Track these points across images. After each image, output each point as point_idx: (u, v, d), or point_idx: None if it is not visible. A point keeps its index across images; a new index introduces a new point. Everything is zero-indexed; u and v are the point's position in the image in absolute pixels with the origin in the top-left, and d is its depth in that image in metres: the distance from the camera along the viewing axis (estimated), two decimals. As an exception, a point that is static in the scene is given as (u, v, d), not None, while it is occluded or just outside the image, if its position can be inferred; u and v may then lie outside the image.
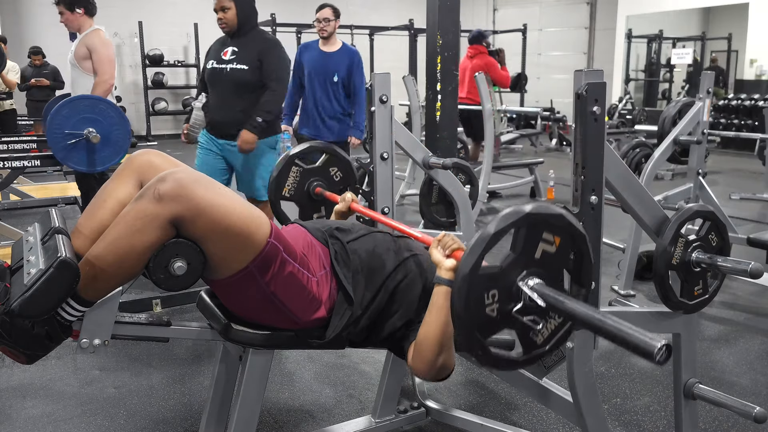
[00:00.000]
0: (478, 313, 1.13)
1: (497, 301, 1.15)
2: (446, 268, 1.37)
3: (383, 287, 1.56)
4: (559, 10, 13.82)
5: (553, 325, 1.22)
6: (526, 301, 1.16)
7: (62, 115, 3.03)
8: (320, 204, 2.23)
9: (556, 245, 1.20)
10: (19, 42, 9.89)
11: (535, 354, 1.22)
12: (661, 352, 0.95)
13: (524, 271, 1.17)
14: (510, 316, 1.16)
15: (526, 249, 1.17)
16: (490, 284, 1.14)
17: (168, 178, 1.33)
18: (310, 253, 1.57)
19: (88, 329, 1.40)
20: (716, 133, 8.28)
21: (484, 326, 1.15)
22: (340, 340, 1.55)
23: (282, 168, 2.20)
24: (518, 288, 1.16)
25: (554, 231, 1.19)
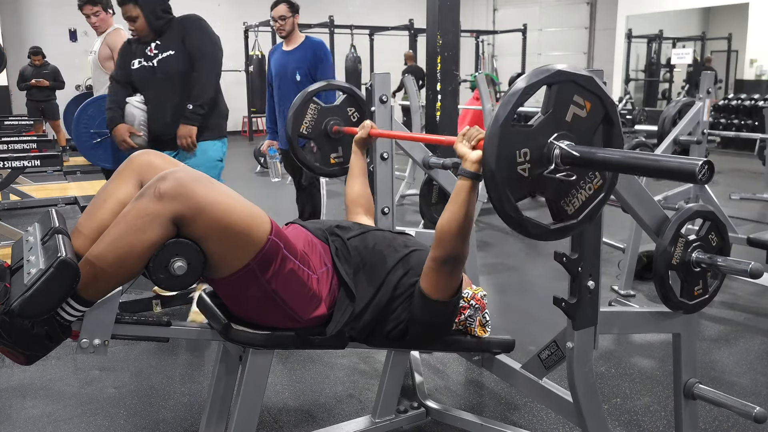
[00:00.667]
0: (510, 171, 1.12)
1: (529, 162, 1.14)
2: (472, 160, 1.37)
3: (385, 282, 1.57)
4: (559, 10, 13.83)
5: (584, 195, 1.22)
6: (557, 164, 1.14)
7: (88, 115, 3.11)
8: (337, 143, 2.22)
9: (586, 110, 1.19)
10: (19, 42, 9.90)
11: (566, 225, 1.21)
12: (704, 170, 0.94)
13: (555, 132, 1.16)
14: (542, 177, 1.15)
15: (557, 110, 1.16)
16: (522, 142, 1.13)
17: (168, 177, 1.33)
18: (311, 251, 1.57)
19: (88, 329, 1.40)
20: (716, 133, 8.28)
21: (516, 186, 1.13)
22: (341, 337, 1.55)
23: (300, 105, 2.19)
24: (549, 149, 1.15)
25: (584, 95, 1.18)
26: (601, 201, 1.25)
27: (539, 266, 3.95)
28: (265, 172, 7.65)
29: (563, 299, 1.49)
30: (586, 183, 1.22)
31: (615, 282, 3.41)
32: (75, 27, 10.81)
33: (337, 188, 6.12)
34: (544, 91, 1.17)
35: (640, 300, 3.28)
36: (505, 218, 1.15)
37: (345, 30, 10.99)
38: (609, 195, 1.27)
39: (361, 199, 2.02)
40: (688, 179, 0.96)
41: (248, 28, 11.16)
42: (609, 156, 1.10)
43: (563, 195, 1.20)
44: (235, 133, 12.76)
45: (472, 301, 1.67)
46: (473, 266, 2.50)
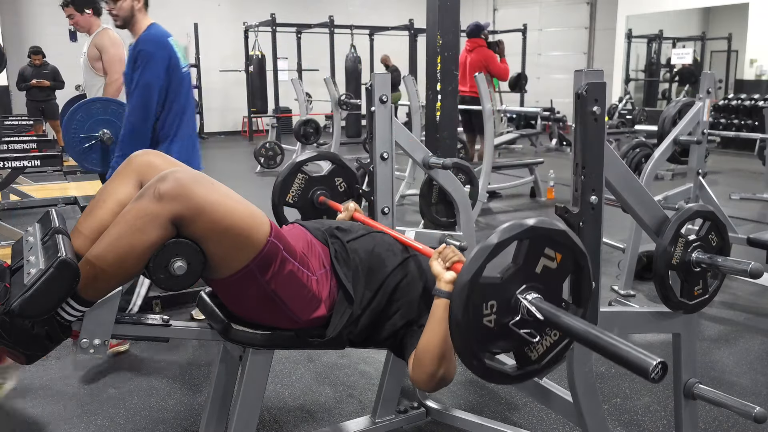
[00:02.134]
0: (476, 322, 1.14)
1: (495, 312, 1.16)
2: (446, 280, 1.38)
3: (383, 286, 1.57)
4: (559, 10, 13.82)
5: (548, 342, 1.23)
6: (524, 315, 1.16)
7: (77, 119, 3.10)
8: (323, 212, 2.24)
9: (557, 261, 1.21)
10: (19, 42, 9.90)
11: (529, 370, 1.22)
12: (657, 369, 0.96)
13: (524, 284, 1.17)
14: (507, 328, 1.17)
15: (527, 262, 1.18)
16: (490, 294, 1.15)
17: (168, 177, 1.33)
18: (310, 252, 1.57)
19: (88, 329, 1.40)
20: (716, 133, 8.28)
21: (481, 336, 1.15)
22: (340, 339, 1.55)
23: (288, 174, 2.22)
24: (517, 301, 1.17)
25: (556, 247, 1.20)
26: (564, 347, 1.25)
27: (539, 266, 3.95)
28: (265, 172, 7.66)
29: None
30: (551, 329, 1.22)
31: (615, 282, 3.41)
32: (75, 27, 10.82)
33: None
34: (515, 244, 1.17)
35: (640, 300, 3.28)
36: (469, 367, 1.16)
37: (345, 30, 10.99)
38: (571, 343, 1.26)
39: None
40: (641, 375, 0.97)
41: (248, 28, 11.16)
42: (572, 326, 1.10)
43: (527, 343, 1.20)
44: (235, 133, 12.77)
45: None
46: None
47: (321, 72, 10.51)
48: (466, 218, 2.70)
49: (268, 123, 11.06)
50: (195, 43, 11.49)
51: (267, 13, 10.55)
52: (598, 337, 1.05)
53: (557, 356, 1.25)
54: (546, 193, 6.05)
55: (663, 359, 0.96)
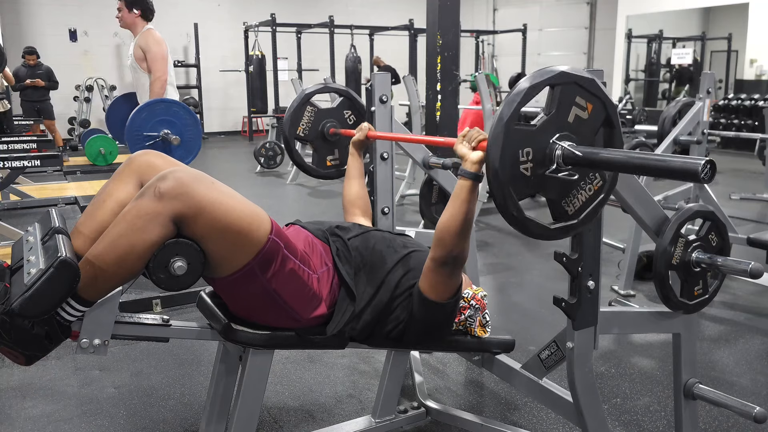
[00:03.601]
0: (513, 170, 1.13)
1: (531, 161, 1.15)
2: (472, 160, 1.37)
3: (384, 282, 1.58)
4: (559, 10, 13.82)
5: (584, 196, 1.23)
6: (559, 164, 1.16)
7: (142, 118, 3.22)
8: (334, 146, 2.23)
9: (588, 111, 1.21)
10: (18, 42, 9.89)
11: (566, 225, 1.22)
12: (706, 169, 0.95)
13: (557, 133, 1.17)
14: (543, 177, 1.17)
15: (559, 111, 1.18)
16: (525, 141, 1.14)
17: (169, 176, 1.33)
18: (311, 251, 1.57)
19: (88, 329, 1.40)
20: (716, 133, 8.28)
21: (519, 185, 1.15)
22: (341, 337, 1.55)
23: (297, 106, 2.20)
24: (552, 150, 1.17)
25: (586, 96, 1.20)
26: (600, 202, 1.26)
27: (539, 266, 3.95)
28: (265, 172, 7.66)
29: (563, 299, 1.49)
30: (586, 184, 1.24)
31: (615, 282, 3.41)
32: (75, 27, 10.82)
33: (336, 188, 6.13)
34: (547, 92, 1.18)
35: (640, 300, 3.28)
36: (507, 217, 1.16)
37: (345, 30, 10.99)
38: (609, 196, 1.28)
39: (359, 200, 2.02)
40: (691, 178, 0.98)
41: (248, 28, 11.17)
42: (612, 156, 1.11)
43: (564, 195, 1.21)
44: (235, 133, 12.77)
45: (472, 302, 1.67)
46: (473, 266, 2.50)
47: (321, 72, 10.53)
48: (466, 218, 2.69)
49: (268, 123, 11.05)
50: (195, 43, 11.50)
51: (267, 13, 10.56)
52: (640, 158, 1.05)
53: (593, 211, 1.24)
54: (546, 193, 6.05)
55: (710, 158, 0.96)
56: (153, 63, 3.62)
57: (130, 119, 3.20)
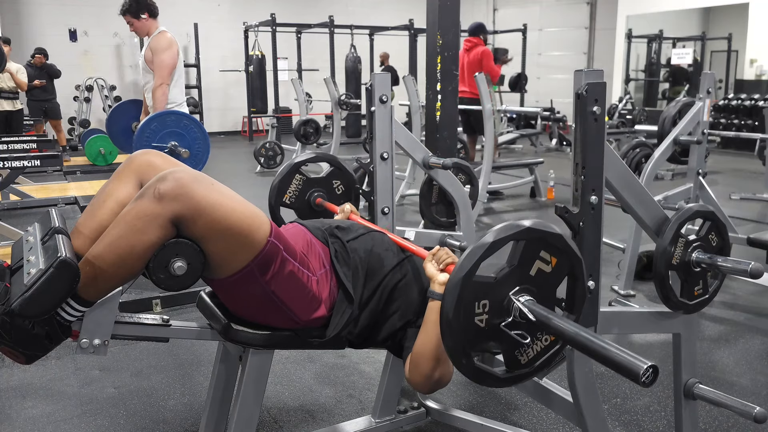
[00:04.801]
0: (467, 321, 1.13)
1: (487, 312, 1.15)
2: (440, 282, 1.38)
3: (381, 286, 1.57)
4: (559, 10, 13.82)
5: (539, 347, 1.22)
6: (516, 317, 1.16)
7: (151, 128, 3.23)
8: (320, 214, 2.24)
9: (552, 265, 1.20)
10: (19, 42, 9.89)
11: (518, 374, 1.21)
12: (648, 373, 0.95)
13: (518, 286, 1.17)
14: (498, 329, 1.17)
15: (522, 264, 1.17)
16: (483, 293, 1.14)
17: (168, 177, 1.33)
18: (310, 252, 1.57)
19: (88, 329, 1.40)
20: (716, 133, 8.29)
21: (472, 336, 1.15)
22: (339, 339, 1.55)
23: (285, 174, 2.21)
24: (510, 302, 1.16)
25: (552, 251, 1.20)
26: (555, 353, 1.24)
27: (539, 266, 3.95)
28: (265, 172, 7.67)
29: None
30: (542, 334, 1.22)
31: (615, 282, 3.41)
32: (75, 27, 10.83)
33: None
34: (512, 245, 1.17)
35: (640, 300, 3.28)
36: (458, 366, 1.16)
37: (345, 30, 10.99)
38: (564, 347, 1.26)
39: None
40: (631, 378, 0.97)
41: (248, 28, 11.17)
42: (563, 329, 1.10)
43: (518, 345, 1.20)
44: (235, 133, 12.77)
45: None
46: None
47: (321, 72, 10.52)
48: (466, 218, 2.70)
49: (268, 123, 11.06)
50: (195, 43, 11.50)
51: (267, 13, 10.56)
52: (589, 340, 1.04)
53: (547, 361, 1.24)
54: (546, 193, 6.05)
55: (654, 363, 0.96)
56: (157, 69, 3.64)
57: (140, 128, 3.22)
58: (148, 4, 3.73)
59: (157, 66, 3.63)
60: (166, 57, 3.64)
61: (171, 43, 3.69)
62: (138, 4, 3.68)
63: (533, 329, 1.18)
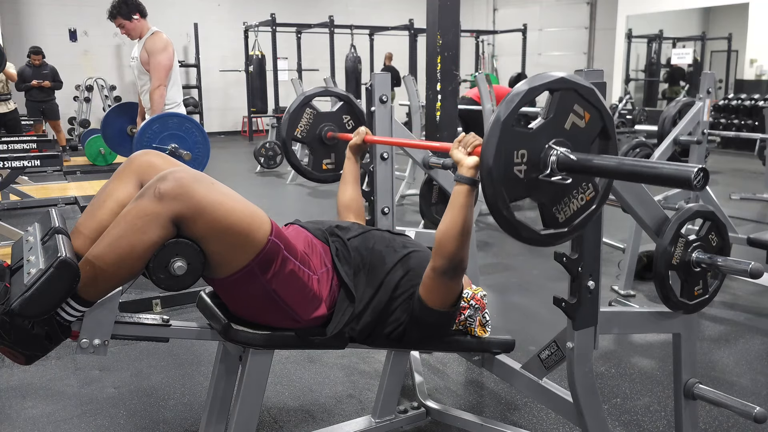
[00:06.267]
0: (507, 170, 1.13)
1: (525, 163, 1.16)
2: (468, 165, 1.38)
3: (384, 283, 1.57)
4: (559, 10, 13.83)
5: (576, 205, 1.23)
6: (553, 169, 1.16)
7: (153, 129, 3.25)
8: (331, 149, 2.22)
9: (585, 120, 1.21)
10: (19, 42, 9.90)
11: (556, 233, 1.22)
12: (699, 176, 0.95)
13: (553, 138, 1.18)
14: (536, 181, 1.17)
15: (557, 116, 1.18)
16: (521, 143, 1.15)
17: (169, 177, 1.33)
18: (311, 252, 1.57)
19: (88, 329, 1.40)
20: (716, 133, 8.28)
21: (511, 186, 1.15)
22: (341, 337, 1.55)
23: (296, 108, 2.19)
24: (546, 154, 1.17)
25: (585, 105, 1.20)
26: (592, 212, 1.26)
27: (539, 266, 3.95)
28: (265, 172, 7.67)
29: (563, 299, 1.49)
30: (578, 193, 1.24)
31: (615, 282, 3.41)
32: (75, 27, 10.83)
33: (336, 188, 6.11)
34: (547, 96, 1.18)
35: (640, 300, 3.28)
36: (497, 217, 1.16)
37: (345, 30, 10.99)
38: (600, 207, 1.28)
39: (353, 204, 2.02)
40: (683, 185, 0.98)
41: (248, 28, 11.17)
42: (605, 163, 1.12)
43: (556, 202, 1.21)
44: (235, 133, 12.77)
45: (472, 301, 1.67)
46: (473, 266, 2.50)
47: (321, 72, 10.53)
48: (466, 218, 2.69)
49: (268, 123, 11.06)
50: (195, 43, 11.50)
51: (267, 13, 10.56)
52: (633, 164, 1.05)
53: (584, 221, 1.24)
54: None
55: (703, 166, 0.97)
56: (154, 71, 3.62)
57: (141, 129, 3.23)
58: (137, 5, 3.70)
59: (154, 68, 3.61)
60: (162, 59, 3.62)
61: (166, 45, 3.67)
62: (128, 6, 3.66)
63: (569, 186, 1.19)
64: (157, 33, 3.71)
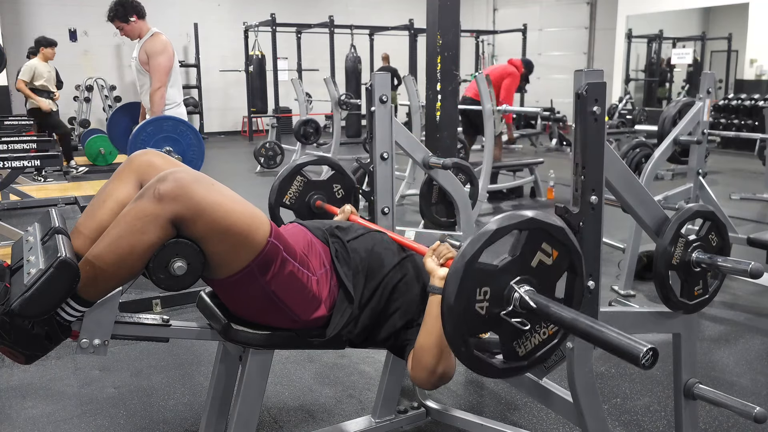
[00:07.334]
0: (468, 307, 1.13)
1: (488, 300, 1.15)
2: (440, 277, 1.38)
3: (382, 285, 1.57)
4: (559, 10, 13.83)
5: (537, 339, 1.23)
6: (516, 307, 1.16)
7: (147, 132, 3.26)
8: (319, 216, 2.25)
9: (553, 258, 1.21)
10: (19, 42, 9.90)
11: (515, 366, 1.22)
12: (648, 356, 0.95)
13: (519, 276, 1.17)
14: (498, 318, 1.17)
15: (523, 254, 1.18)
16: (484, 280, 1.14)
17: (168, 177, 1.33)
18: (310, 252, 1.57)
19: (88, 329, 1.40)
20: (716, 133, 8.28)
21: (472, 323, 1.15)
22: (339, 339, 1.55)
23: (287, 175, 2.22)
24: (510, 291, 1.17)
25: (553, 244, 1.20)
26: (553, 347, 1.25)
27: (539, 266, 3.95)
28: (265, 172, 7.66)
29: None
30: (540, 327, 1.22)
31: (615, 282, 3.41)
32: (75, 27, 10.83)
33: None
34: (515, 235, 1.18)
35: (640, 300, 3.28)
36: (456, 351, 1.16)
37: (345, 30, 10.99)
38: (564, 339, 1.26)
39: None
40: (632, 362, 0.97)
41: (248, 28, 11.17)
42: (562, 315, 1.10)
43: (516, 336, 1.20)
44: (235, 133, 12.77)
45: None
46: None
47: (321, 72, 10.52)
48: (466, 218, 2.70)
49: (268, 123, 11.05)
50: (195, 43, 11.49)
51: (267, 13, 10.55)
52: (588, 325, 1.05)
53: (545, 355, 1.24)
54: (546, 193, 6.05)
55: (653, 345, 0.96)
56: (154, 72, 3.62)
57: (136, 131, 3.23)
58: (134, 6, 3.69)
59: (154, 69, 3.61)
60: (162, 60, 3.62)
61: (166, 46, 3.67)
62: (125, 8, 3.65)
63: (533, 320, 1.19)
64: (156, 34, 3.71)
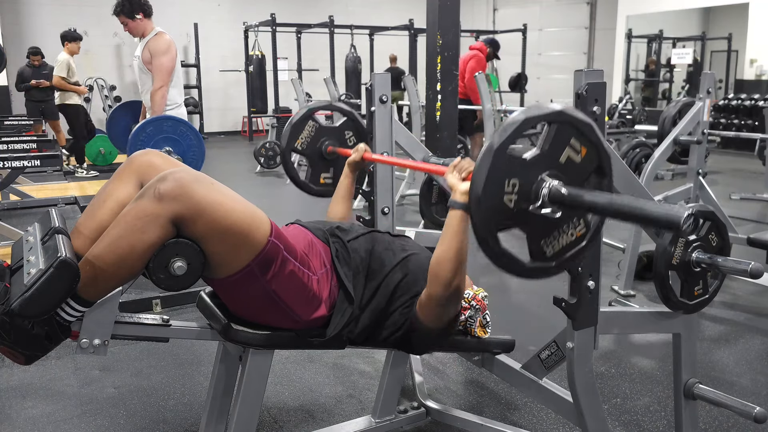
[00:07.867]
0: (496, 198, 1.11)
1: (516, 193, 1.13)
2: (461, 191, 1.36)
3: (382, 285, 1.57)
4: (559, 10, 13.83)
5: (565, 240, 1.20)
6: (545, 202, 1.14)
7: (147, 132, 3.25)
8: (330, 164, 2.21)
9: (581, 155, 1.18)
10: (19, 42, 9.90)
11: (542, 266, 1.19)
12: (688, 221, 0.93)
13: (547, 171, 1.15)
14: (526, 212, 1.14)
15: (552, 149, 1.15)
16: (513, 172, 1.12)
17: (168, 177, 1.33)
18: (311, 252, 1.57)
19: (88, 329, 1.40)
20: (716, 133, 8.28)
21: (500, 215, 1.12)
22: (340, 339, 1.55)
23: (299, 120, 2.18)
24: (539, 185, 1.14)
25: (582, 140, 1.18)
26: (581, 249, 1.22)
27: (539, 266, 3.95)
28: (265, 172, 7.66)
29: (563, 299, 1.49)
30: (569, 228, 1.20)
31: (615, 282, 3.41)
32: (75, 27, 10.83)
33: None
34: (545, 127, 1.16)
35: (640, 300, 3.28)
36: (483, 245, 1.13)
37: (345, 30, 10.98)
38: (590, 245, 1.24)
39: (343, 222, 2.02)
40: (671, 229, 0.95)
41: (248, 28, 11.16)
42: (596, 199, 1.09)
43: (544, 235, 1.17)
44: (235, 133, 12.77)
45: (472, 302, 1.67)
46: (473, 266, 2.49)
47: (321, 72, 10.51)
48: (466, 218, 2.69)
49: (268, 123, 11.06)
50: (195, 43, 11.49)
51: (267, 13, 10.55)
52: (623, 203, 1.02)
53: (572, 258, 1.21)
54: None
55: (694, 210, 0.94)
56: (156, 72, 3.62)
57: (135, 131, 3.21)
58: (141, 4, 3.69)
59: (156, 69, 3.61)
60: (165, 60, 3.62)
61: (170, 46, 3.66)
62: (132, 5, 3.65)
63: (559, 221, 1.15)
64: (160, 34, 3.71)
